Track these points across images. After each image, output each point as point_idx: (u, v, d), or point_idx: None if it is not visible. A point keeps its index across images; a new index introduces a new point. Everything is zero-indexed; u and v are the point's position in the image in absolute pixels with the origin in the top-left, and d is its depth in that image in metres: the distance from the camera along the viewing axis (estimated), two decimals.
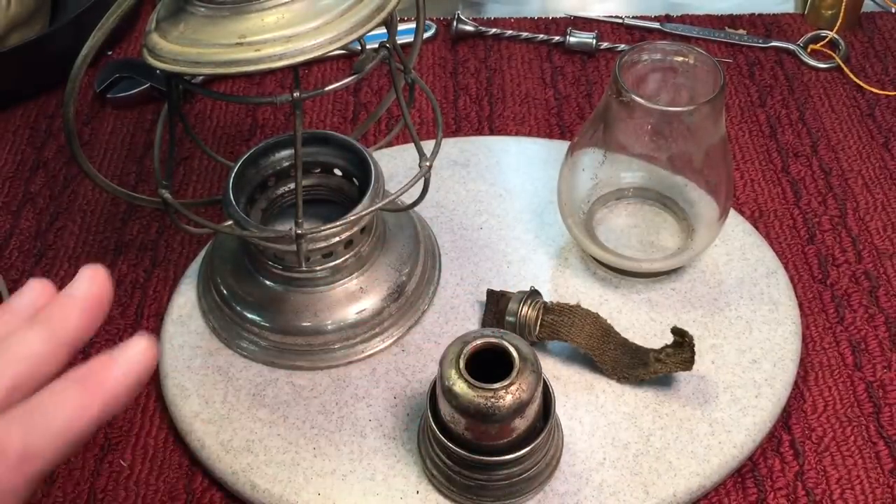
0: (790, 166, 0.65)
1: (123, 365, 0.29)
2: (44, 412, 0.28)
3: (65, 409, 0.28)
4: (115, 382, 0.29)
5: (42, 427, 0.27)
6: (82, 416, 0.28)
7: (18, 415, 0.28)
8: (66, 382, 0.29)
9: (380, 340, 0.54)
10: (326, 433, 0.50)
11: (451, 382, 0.43)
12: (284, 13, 0.39)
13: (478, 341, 0.44)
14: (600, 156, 0.55)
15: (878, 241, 0.60)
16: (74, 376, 0.29)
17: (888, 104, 0.70)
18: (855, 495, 0.48)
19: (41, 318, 0.30)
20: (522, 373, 0.43)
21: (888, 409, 0.52)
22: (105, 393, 0.29)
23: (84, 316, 0.30)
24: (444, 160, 0.64)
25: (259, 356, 0.53)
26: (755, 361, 0.52)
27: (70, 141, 0.45)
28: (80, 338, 0.30)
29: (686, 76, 0.53)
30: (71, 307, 0.30)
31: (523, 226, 0.60)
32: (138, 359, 0.29)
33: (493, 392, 0.42)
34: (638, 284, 0.56)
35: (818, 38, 0.75)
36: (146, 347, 0.29)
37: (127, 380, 0.29)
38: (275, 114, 0.71)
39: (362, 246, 0.53)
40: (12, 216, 0.64)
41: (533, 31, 0.77)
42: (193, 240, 0.61)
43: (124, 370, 0.29)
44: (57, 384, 0.29)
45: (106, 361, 0.29)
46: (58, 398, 0.28)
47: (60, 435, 0.28)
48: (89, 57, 0.39)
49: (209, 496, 0.49)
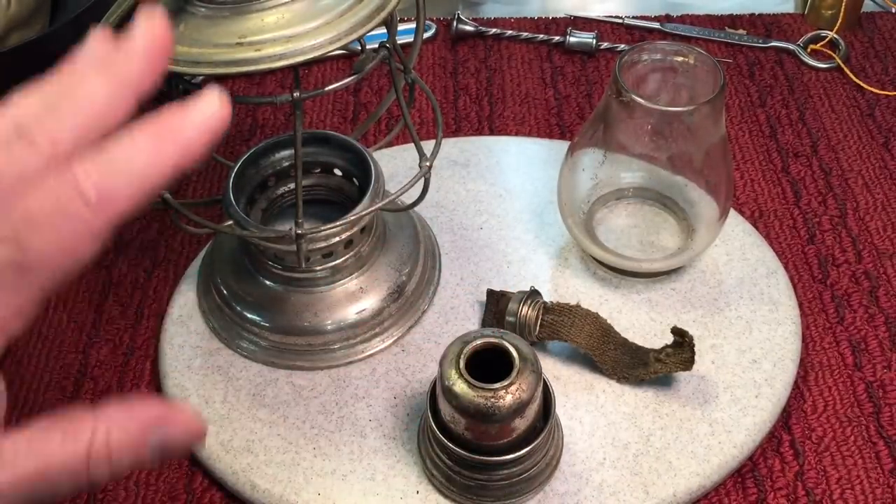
0: (790, 166, 0.65)
1: (198, 116, 0.28)
2: (119, 156, 0.27)
3: (140, 155, 0.27)
4: (190, 132, 0.28)
5: (119, 169, 0.27)
6: (157, 163, 0.27)
7: (93, 158, 0.27)
8: (139, 131, 0.28)
9: (380, 340, 0.54)
10: (326, 433, 0.50)
11: (451, 382, 0.43)
12: (284, 13, 0.39)
13: (478, 341, 0.44)
14: (600, 156, 0.55)
15: (878, 241, 0.60)
16: (146, 126, 0.28)
17: (888, 104, 0.70)
18: (855, 495, 0.48)
19: (103, 65, 0.28)
20: (522, 373, 0.43)
21: (888, 409, 0.52)
22: (180, 142, 0.28)
23: (147, 59, 0.28)
24: (443, 160, 0.64)
25: (259, 356, 0.53)
26: (755, 361, 0.52)
27: None
28: (144, 82, 0.29)
29: (686, 76, 0.53)
30: (133, 51, 0.28)
31: (523, 226, 0.60)
32: (212, 111, 0.28)
33: (493, 392, 0.42)
34: (638, 284, 0.56)
35: (818, 38, 0.75)
36: (220, 100, 0.28)
37: (201, 131, 0.28)
38: (275, 114, 0.71)
39: (362, 246, 0.53)
40: None
41: (533, 31, 0.77)
42: (193, 240, 0.61)
43: (199, 121, 0.28)
44: (130, 132, 0.28)
45: (179, 112, 0.28)
46: (133, 144, 0.27)
47: (138, 179, 0.27)
48: None
49: (209, 496, 0.49)
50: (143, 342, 0.56)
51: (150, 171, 0.27)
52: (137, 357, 0.55)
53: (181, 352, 0.54)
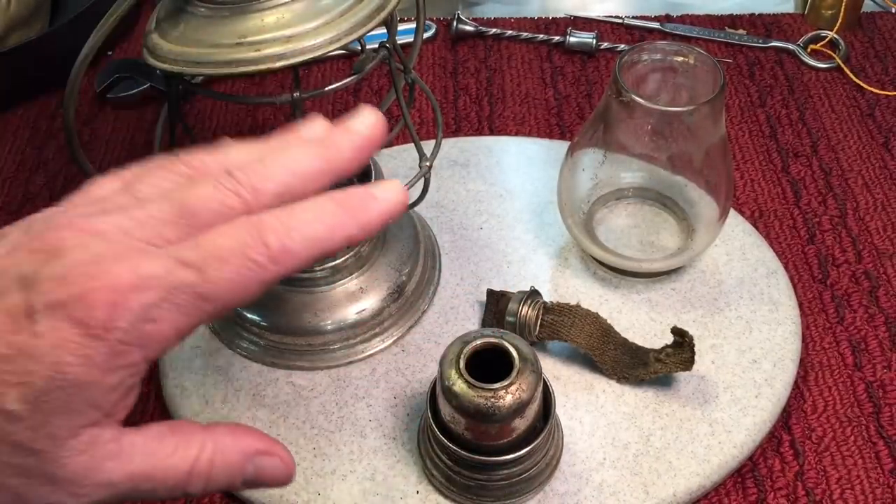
0: (790, 166, 0.65)
1: (383, 204, 0.31)
2: (304, 219, 0.29)
3: (323, 223, 0.30)
4: (373, 214, 0.31)
5: (301, 231, 0.29)
6: (337, 231, 0.30)
7: (281, 214, 0.29)
8: (327, 199, 0.30)
9: (380, 340, 0.54)
10: (326, 433, 0.50)
11: (450, 382, 0.43)
12: (284, 13, 0.39)
13: (478, 341, 0.44)
14: (600, 156, 0.55)
15: (878, 241, 0.60)
16: (334, 198, 0.31)
17: (888, 104, 0.70)
18: (855, 495, 0.48)
19: (319, 141, 0.32)
20: (522, 373, 0.43)
21: (888, 409, 0.52)
22: (360, 221, 0.31)
23: (356, 152, 0.32)
24: (443, 160, 0.64)
25: (259, 356, 0.53)
26: (755, 361, 0.52)
27: (70, 141, 0.45)
28: (347, 170, 0.32)
29: (686, 76, 0.53)
30: (347, 140, 0.32)
31: (523, 226, 0.60)
32: (397, 199, 0.31)
33: (493, 392, 0.42)
34: (638, 284, 0.56)
35: (818, 38, 0.75)
36: (401, 190, 0.32)
37: (382, 215, 0.31)
38: (275, 114, 0.71)
39: (362, 246, 0.53)
40: (12, 216, 0.64)
41: (533, 31, 0.77)
42: None
43: (383, 207, 0.31)
44: (318, 199, 0.30)
45: (365, 193, 0.31)
46: (318, 212, 0.30)
47: (315, 244, 0.29)
48: (89, 57, 0.39)
49: (209, 496, 0.49)
50: None
51: (326, 239, 0.30)
52: None
53: (181, 352, 0.54)
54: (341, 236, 0.30)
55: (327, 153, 0.31)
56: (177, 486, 0.30)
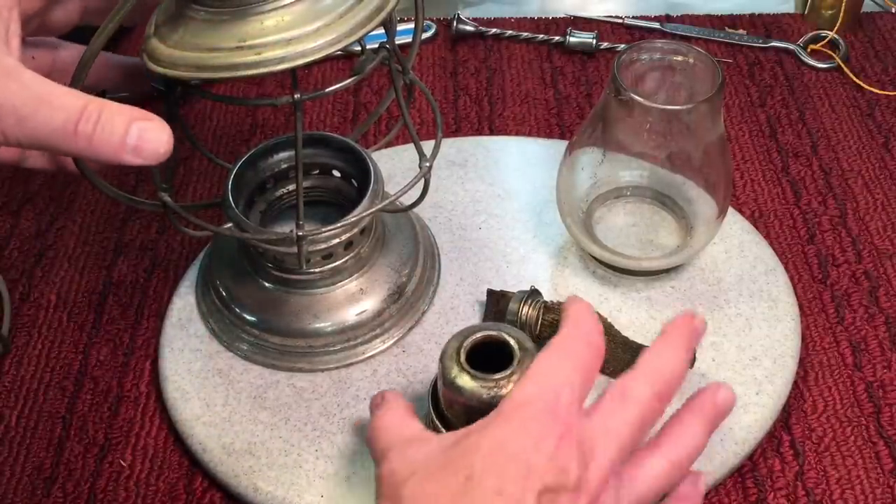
0: (790, 166, 0.65)
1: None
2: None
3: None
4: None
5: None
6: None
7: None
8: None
9: (380, 342, 0.54)
10: (328, 435, 0.50)
11: (453, 376, 0.43)
12: (284, 16, 0.39)
13: (477, 335, 0.44)
14: (599, 155, 0.55)
15: (878, 241, 0.60)
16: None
17: (888, 104, 0.70)
18: (855, 495, 0.48)
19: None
20: (523, 363, 0.43)
21: (888, 409, 0.52)
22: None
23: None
24: (442, 161, 0.64)
25: (259, 359, 0.53)
26: (755, 359, 0.52)
27: None
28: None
29: (684, 75, 0.53)
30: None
31: (522, 225, 0.60)
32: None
33: (496, 382, 0.42)
34: (637, 283, 0.56)
35: (818, 38, 0.75)
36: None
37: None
38: (275, 114, 0.71)
39: (362, 247, 0.53)
40: (12, 216, 0.64)
41: (533, 31, 0.77)
42: (193, 240, 0.61)
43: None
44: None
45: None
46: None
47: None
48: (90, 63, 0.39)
49: (209, 496, 0.49)
50: (143, 342, 0.56)
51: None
52: (137, 357, 0.55)
53: (181, 355, 0.54)
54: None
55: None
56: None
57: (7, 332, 0.56)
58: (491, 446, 0.36)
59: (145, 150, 0.36)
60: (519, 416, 0.37)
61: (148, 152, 0.36)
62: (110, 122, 0.36)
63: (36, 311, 0.58)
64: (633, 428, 0.38)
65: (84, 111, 0.35)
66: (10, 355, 0.56)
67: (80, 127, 0.35)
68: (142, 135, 0.36)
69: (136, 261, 0.61)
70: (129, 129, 0.36)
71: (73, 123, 0.35)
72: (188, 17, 0.40)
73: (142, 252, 0.61)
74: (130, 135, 0.36)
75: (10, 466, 0.51)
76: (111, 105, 0.36)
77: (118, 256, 0.61)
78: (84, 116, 0.35)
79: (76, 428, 0.52)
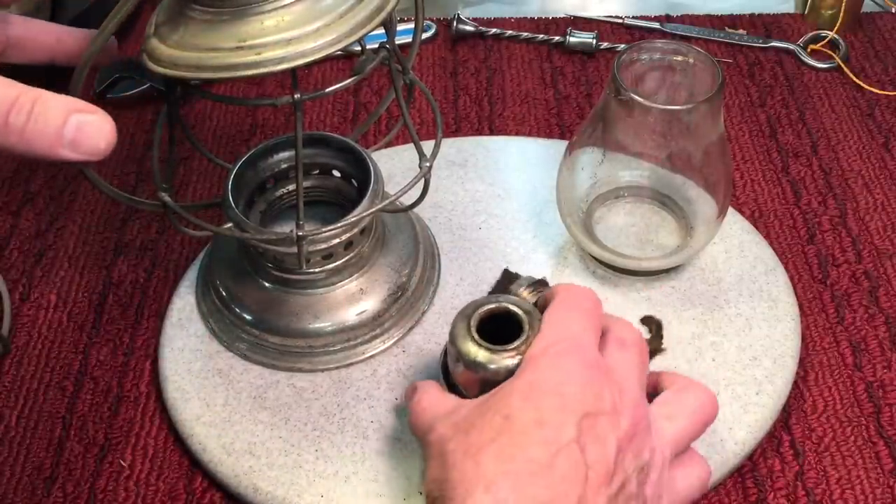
0: (790, 166, 0.65)
1: None
2: None
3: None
4: None
5: None
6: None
7: None
8: None
9: (380, 342, 0.54)
10: (328, 435, 0.50)
11: (472, 356, 0.42)
12: (284, 16, 0.39)
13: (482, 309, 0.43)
14: (599, 155, 0.55)
15: (878, 241, 0.60)
16: None
17: (888, 104, 0.70)
18: (855, 495, 0.48)
19: None
20: (534, 326, 0.42)
21: (888, 409, 0.52)
22: None
23: None
24: (441, 160, 0.64)
25: (259, 359, 0.53)
26: (755, 358, 0.52)
27: None
28: None
29: (684, 75, 0.53)
30: None
31: (522, 225, 0.60)
32: None
33: (516, 349, 0.41)
34: (637, 283, 0.56)
35: (818, 38, 0.75)
36: None
37: None
38: (275, 114, 0.71)
39: (362, 247, 0.53)
40: (12, 216, 0.64)
41: (533, 31, 0.77)
42: (194, 240, 0.61)
43: None
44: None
45: None
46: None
47: None
48: (89, 63, 0.39)
49: (209, 496, 0.49)
50: (143, 342, 0.56)
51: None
52: (137, 357, 0.55)
53: (181, 355, 0.54)
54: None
55: None
56: None
57: (7, 332, 0.56)
58: (524, 388, 0.38)
59: (84, 144, 0.34)
60: (546, 359, 0.39)
61: (87, 147, 0.34)
62: (44, 114, 0.33)
63: (36, 312, 0.58)
64: (642, 368, 0.42)
65: (16, 102, 0.32)
66: (10, 355, 0.56)
67: (10, 118, 0.32)
68: (81, 127, 0.33)
69: (136, 261, 0.61)
70: (66, 120, 0.33)
71: (4, 115, 0.32)
72: (188, 17, 0.40)
73: (142, 252, 0.61)
74: (68, 127, 0.33)
75: (10, 466, 0.51)
76: (47, 95, 0.33)
77: (118, 256, 0.61)
78: (16, 108, 0.32)
79: (76, 428, 0.52)
